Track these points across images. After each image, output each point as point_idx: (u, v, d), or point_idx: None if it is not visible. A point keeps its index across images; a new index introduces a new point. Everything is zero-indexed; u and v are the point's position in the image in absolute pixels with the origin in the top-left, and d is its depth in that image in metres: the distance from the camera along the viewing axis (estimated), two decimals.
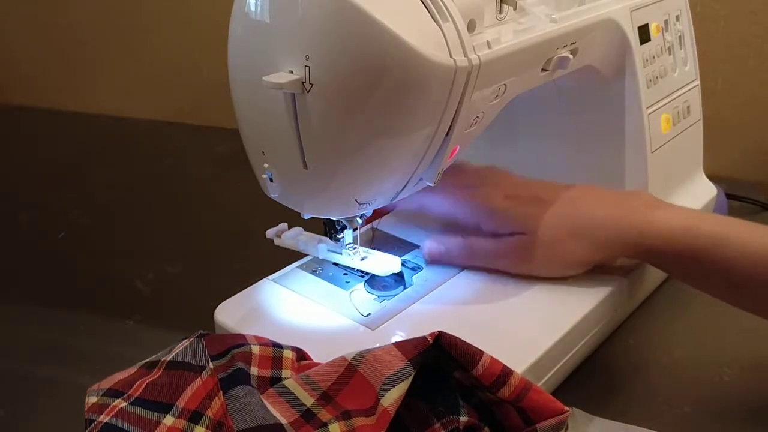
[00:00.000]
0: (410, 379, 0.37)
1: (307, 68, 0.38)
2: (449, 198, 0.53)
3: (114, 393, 0.39)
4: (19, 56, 1.25)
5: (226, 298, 0.52)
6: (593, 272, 0.53)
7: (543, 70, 0.50)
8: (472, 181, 0.54)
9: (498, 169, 0.55)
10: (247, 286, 0.54)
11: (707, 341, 0.55)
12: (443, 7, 0.39)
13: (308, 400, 0.39)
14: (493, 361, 0.38)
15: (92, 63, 1.21)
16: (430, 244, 0.53)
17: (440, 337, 0.38)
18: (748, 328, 0.56)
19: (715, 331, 0.47)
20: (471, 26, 0.41)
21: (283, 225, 0.55)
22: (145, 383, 0.39)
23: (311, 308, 0.51)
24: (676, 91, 0.63)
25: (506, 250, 0.50)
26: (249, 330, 0.47)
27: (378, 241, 0.59)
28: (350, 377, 0.39)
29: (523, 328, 0.48)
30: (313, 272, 0.55)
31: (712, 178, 0.69)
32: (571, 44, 0.50)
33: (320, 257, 0.54)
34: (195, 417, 0.37)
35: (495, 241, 0.50)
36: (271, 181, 0.45)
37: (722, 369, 0.52)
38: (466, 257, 0.52)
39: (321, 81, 0.38)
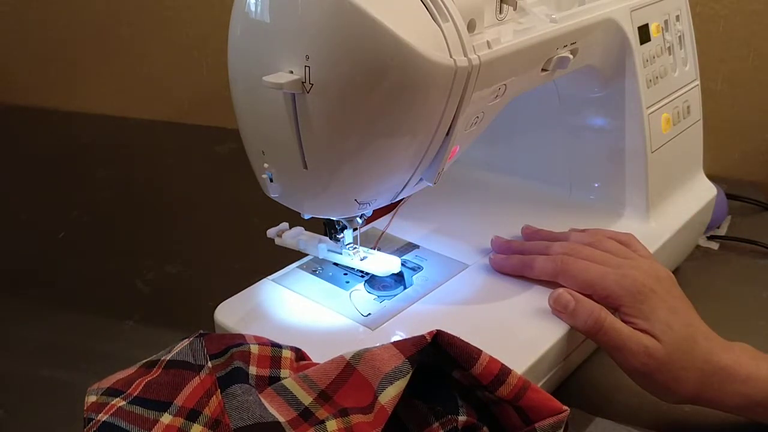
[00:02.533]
0: (408, 376, 0.37)
1: (307, 68, 0.38)
2: (592, 267, 0.49)
3: (113, 392, 0.39)
4: (18, 56, 1.25)
5: (226, 298, 0.52)
6: None
7: (543, 70, 0.50)
8: (619, 262, 0.50)
9: (636, 242, 0.53)
10: (247, 286, 0.54)
11: None
12: (443, 7, 0.39)
13: (306, 399, 0.39)
14: (492, 360, 0.38)
15: (92, 63, 1.21)
16: (563, 292, 0.49)
17: (438, 336, 0.38)
18: (749, 329, 0.56)
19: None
20: (471, 26, 0.41)
21: (284, 225, 0.55)
22: (144, 382, 0.39)
23: (311, 308, 0.51)
24: (676, 91, 0.63)
25: (637, 347, 0.46)
26: (249, 330, 0.47)
27: (379, 242, 0.59)
28: (349, 376, 0.39)
29: (523, 329, 0.48)
30: (313, 272, 0.55)
31: (712, 178, 0.69)
32: (571, 44, 0.50)
33: (320, 257, 0.54)
34: (192, 415, 0.37)
35: (631, 331, 0.46)
36: (271, 181, 0.45)
37: None
38: (593, 326, 0.47)
39: (321, 81, 0.38)
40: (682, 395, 0.46)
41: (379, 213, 0.62)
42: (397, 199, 0.47)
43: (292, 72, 0.38)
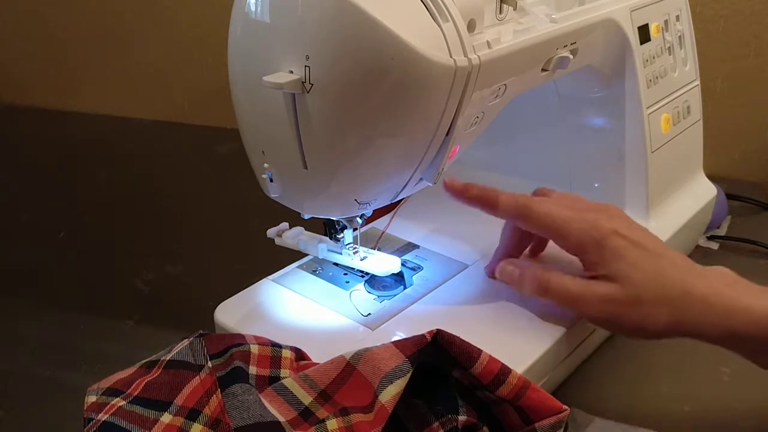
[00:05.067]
0: (408, 376, 0.37)
1: (307, 68, 0.38)
2: (557, 211, 0.47)
3: (113, 392, 0.39)
4: (18, 56, 1.25)
5: (226, 298, 0.52)
6: None
7: (543, 70, 0.50)
8: (586, 206, 0.49)
9: (614, 206, 0.50)
10: (247, 286, 0.54)
11: None
12: (443, 7, 0.39)
13: (306, 399, 0.39)
14: (492, 359, 0.38)
15: (93, 63, 1.21)
16: (506, 264, 0.49)
17: (438, 335, 0.38)
18: None
19: None
20: (471, 26, 0.41)
21: (284, 225, 0.56)
22: (144, 382, 0.39)
23: (311, 308, 0.51)
24: (676, 91, 0.63)
25: (592, 298, 0.44)
26: (249, 330, 0.47)
27: (379, 241, 0.59)
28: (349, 376, 0.39)
29: (523, 329, 0.48)
30: (313, 272, 0.55)
31: (712, 178, 0.69)
32: (571, 44, 0.50)
33: (320, 257, 0.54)
34: (193, 414, 0.37)
35: (581, 284, 0.45)
36: (271, 181, 0.45)
37: (722, 369, 0.52)
38: (538, 290, 0.47)
39: (321, 81, 0.38)
40: (657, 331, 0.44)
41: (379, 213, 0.62)
42: (397, 199, 0.47)
43: (292, 72, 0.38)
